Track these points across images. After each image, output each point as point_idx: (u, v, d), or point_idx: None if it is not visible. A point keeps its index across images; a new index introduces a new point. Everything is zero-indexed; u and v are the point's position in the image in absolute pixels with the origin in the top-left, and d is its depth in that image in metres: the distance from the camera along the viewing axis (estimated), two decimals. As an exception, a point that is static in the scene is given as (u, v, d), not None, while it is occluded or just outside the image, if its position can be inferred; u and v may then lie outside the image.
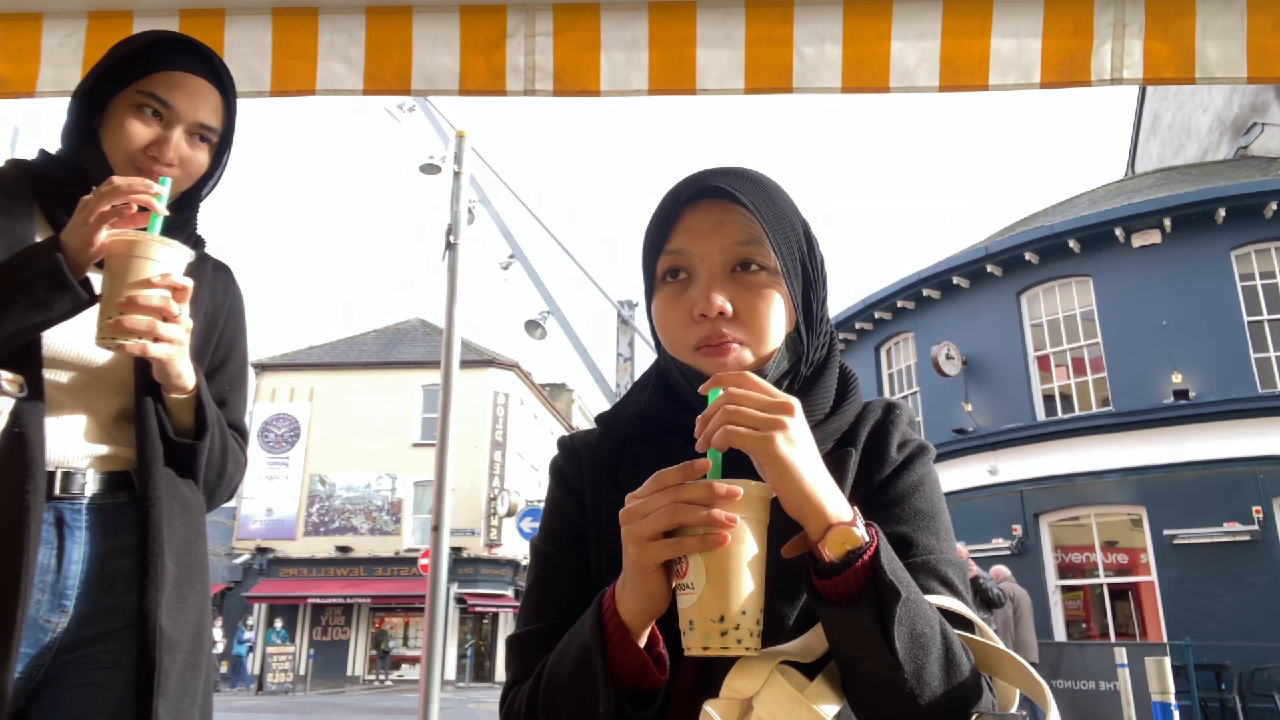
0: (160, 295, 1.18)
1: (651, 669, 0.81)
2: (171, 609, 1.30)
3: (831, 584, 0.75)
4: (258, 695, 19.66)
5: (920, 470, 0.95)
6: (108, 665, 1.28)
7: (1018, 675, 0.82)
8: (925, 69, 1.80)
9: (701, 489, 0.74)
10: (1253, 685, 10.94)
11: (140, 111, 1.32)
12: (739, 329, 0.91)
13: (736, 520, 0.73)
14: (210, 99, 1.37)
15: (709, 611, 0.73)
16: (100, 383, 1.33)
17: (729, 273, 0.92)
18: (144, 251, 1.18)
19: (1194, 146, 18.97)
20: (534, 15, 1.89)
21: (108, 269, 1.18)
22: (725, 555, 0.73)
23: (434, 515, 4.93)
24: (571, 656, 0.82)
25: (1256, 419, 12.38)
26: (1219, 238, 13.26)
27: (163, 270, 1.19)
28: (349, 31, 1.90)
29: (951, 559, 0.90)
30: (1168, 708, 5.55)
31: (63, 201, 1.31)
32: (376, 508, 26.63)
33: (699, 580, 0.74)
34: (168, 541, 1.31)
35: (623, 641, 0.80)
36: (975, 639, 0.82)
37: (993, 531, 14.29)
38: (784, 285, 0.92)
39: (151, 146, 1.32)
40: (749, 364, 0.91)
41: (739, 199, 0.90)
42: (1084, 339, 14.35)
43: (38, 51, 1.92)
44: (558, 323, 9.69)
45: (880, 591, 0.74)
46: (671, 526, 0.74)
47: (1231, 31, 1.73)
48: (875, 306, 17.11)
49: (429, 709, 4.54)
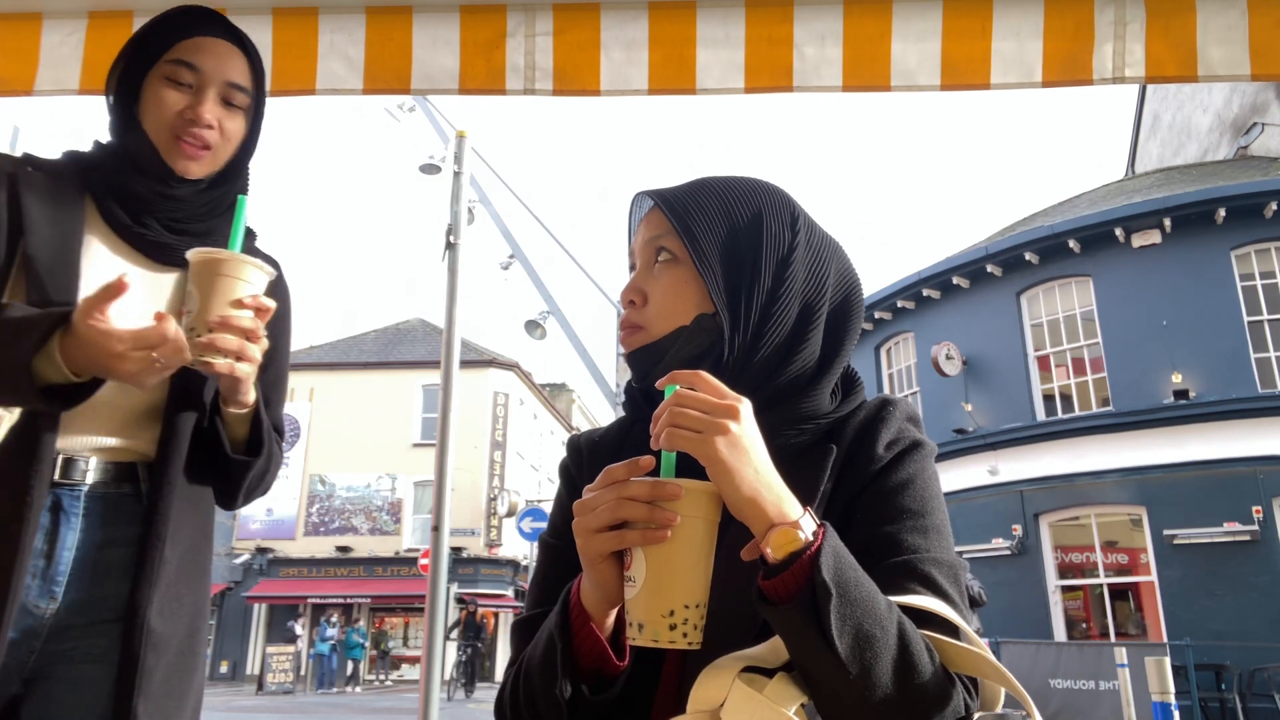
0: (250, 317, 1.21)
1: (609, 655, 0.85)
2: (164, 607, 1.29)
3: (772, 584, 0.76)
4: (257, 695, 19.65)
5: (910, 468, 0.93)
6: (96, 659, 1.26)
7: (999, 680, 0.81)
8: (926, 68, 1.80)
9: (644, 486, 0.77)
10: (1253, 685, 10.94)
11: (170, 82, 1.34)
12: (637, 314, 1.01)
13: (677, 517, 0.75)
14: (236, 60, 1.39)
15: (653, 605, 0.76)
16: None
17: (650, 266, 1.02)
18: (234, 271, 1.20)
19: (1194, 146, 18.97)
20: (534, 15, 1.88)
21: (197, 285, 1.19)
22: (666, 551, 0.76)
23: (434, 515, 4.93)
24: (542, 642, 0.88)
25: (1256, 419, 12.38)
26: (1219, 238, 13.26)
27: (252, 291, 1.21)
28: (349, 31, 1.90)
29: (940, 558, 0.89)
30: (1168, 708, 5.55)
31: (113, 190, 1.34)
32: (376, 508, 26.63)
33: (639, 574, 0.77)
34: (171, 537, 1.30)
35: (584, 628, 0.84)
36: (945, 640, 0.81)
37: (993, 531, 14.29)
38: (692, 270, 0.98)
39: (187, 110, 1.33)
40: (643, 343, 1.00)
41: (654, 200, 1.02)
42: (1084, 339, 14.35)
43: (37, 51, 1.92)
44: (558, 323, 9.69)
45: (815, 591, 0.74)
46: (615, 521, 0.77)
47: (1233, 30, 1.73)
48: (875, 306, 17.10)
49: (429, 709, 4.54)
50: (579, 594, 0.85)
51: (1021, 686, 0.79)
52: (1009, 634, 12.38)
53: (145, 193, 1.34)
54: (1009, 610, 13.36)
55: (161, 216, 1.36)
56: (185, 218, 1.38)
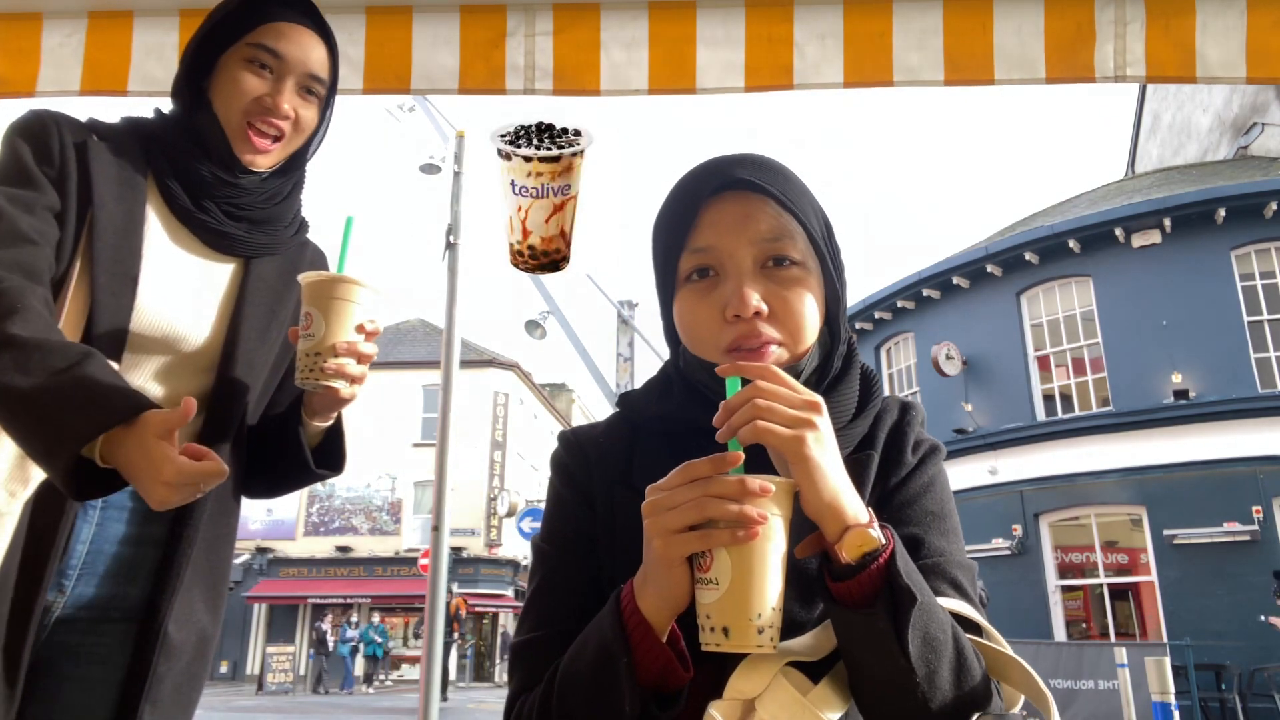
0: (368, 343, 1.22)
1: (676, 666, 0.78)
2: (181, 613, 1.24)
3: (846, 586, 0.74)
4: (257, 695, 19.64)
5: (931, 471, 0.94)
6: (102, 660, 1.23)
7: (1023, 680, 0.81)
8: (929, 64, 1.80)
9: (733, 484, 0.72)
10: (1253, 685, 10.94)
11: (251, 65, 1.29)
12: (776, 328, 0.89)
13: (768, 517, 0.72)
14: (318, 50, 1.35)
15: (741, 609, 0.72)
16: (183, 366, 1.28)
17: (760, 269, 0.89)
18: (352, 295, 1.20)
19: (1194, 146, 18.97)
20: (534, 15, 1.88)
21: (318, 308, 1.19)
22: (754, 551, 0.72)
23: (434, 515, 4.93)
24: (589, 657, 0.79)
25: (1256, 419, 12.38)
26: (1219, 238, 13.26)
27: (368, 315, 1.22)
28: (349, 31, 1.90)
29: (960, 561, 0.89)
30: (1167, 708, 5.55)
31: (176, 170, 1.29)
32: (376, 508, 26.63)
33: (724, 576, 0.72)
34: (198, 540, 1.26)
35: (645, 638, 0.77)
36: (983, 643, 0.82)
37: (993, 531, 14.29)
38: (814, 279, 0.91)
39: (265, 98, 1.29)
40: (785, 363, 0.89)
41: (767, 190, 0.88)
42: (1084, 339, 14.35)
43: (38, 51, 1.92)
44: (558, 323, 9.69)
45: (895, 595, 0.73)
46: (700, 520, 0.72)
47: (1231, 31, 1.73)
48: (875, 306, 17.11)
49: (429, 709, 4.54)
50: (634, 601, 0.78)
51: (1048, 690, 0.79)
52: (1009, 634, 12.20)
53: (209, 178, 1.30)
54: (1009, 610, 13.36)
55: (221, 202, 1.31)
56: (245, 205, 1.34)
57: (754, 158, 0.93)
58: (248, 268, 1.36)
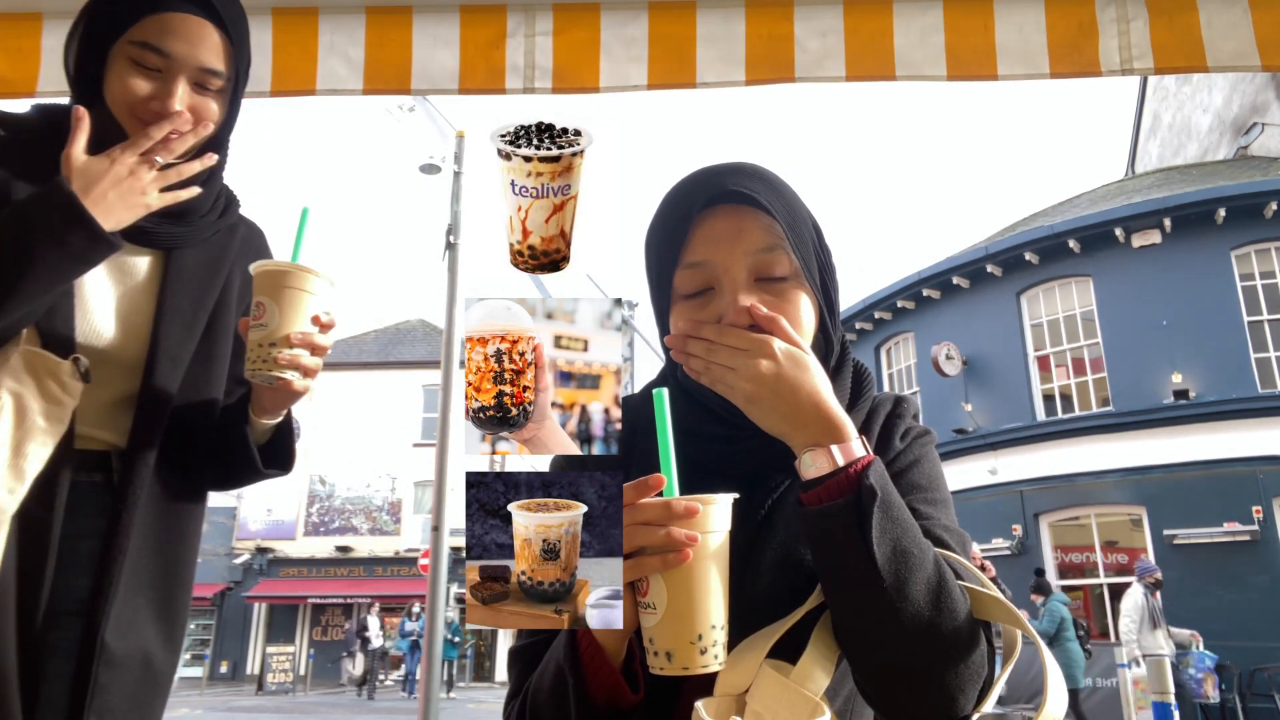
0: (323, 335, 1.19)
1: (624, 689, 0.79)
2: (122, 623, 1.18)
3: (815, 494, 0.78)
4: (258, 695, 19.64)
5: (918, 450, 0.97)
6: (63, 654, 1.16)
7: (1011, 620, 0.83)
8: (932, 60, 1.79)
9: (657, 508, 0.71)
10: (1253, 685, 10.93)
11: (136, 66, 1.19)
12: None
13: (697, 538, 0.70)
14: (210, 39, 1.22)
15: (680, 632, 0.71)
16: (108, 366, 1.23)
17: (754, 280, 0.89)
18: (308, 285, 1.18)
19: (1194, 146, 18.96)
20: (534, 15, 1.88)
21: (271, 299, 1.16)
22: (688, 574, 0.71)
23: (434, 515, 4.93)
24: (549, 676, 0.81)
25: (1256, 419, 12.37)
26: (1219, 238, 13.25)
27: (322, 306, 1.19)
28: (349, 31, 1.89)
29: (949, 526, 0.91)
30: (1168, 708, 5.54)
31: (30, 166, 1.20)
32: (376, 508, 26.61)
33: (660, 601, 0.71)
34: (140, 532, 1.21)
35: (596, 659, 0.78)
36: (970, 585, 0.82)
37: (993, 531, 14.29)
38: (807, 287, 0.91)
39: (154, 101, 1.20)
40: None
41: (757, 201, 0.88)
42: (1084, 339, 14.34)
43: (38, 51, 1.92)
44: (558, 323, 9.67)
45: (861, 496, 0.75)
46: (630, 550, 0.72)
47: (1237, 25, 1.73)
48: (875, 306, 17.10)
49: (429, 709, 4.54)
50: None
51: (1036, 633, 0.83)
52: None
53: None
54: (1009, 610, 13.35)
55: None
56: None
57: (743, 167, 0.93)
58: (168, 260, 1.30)
